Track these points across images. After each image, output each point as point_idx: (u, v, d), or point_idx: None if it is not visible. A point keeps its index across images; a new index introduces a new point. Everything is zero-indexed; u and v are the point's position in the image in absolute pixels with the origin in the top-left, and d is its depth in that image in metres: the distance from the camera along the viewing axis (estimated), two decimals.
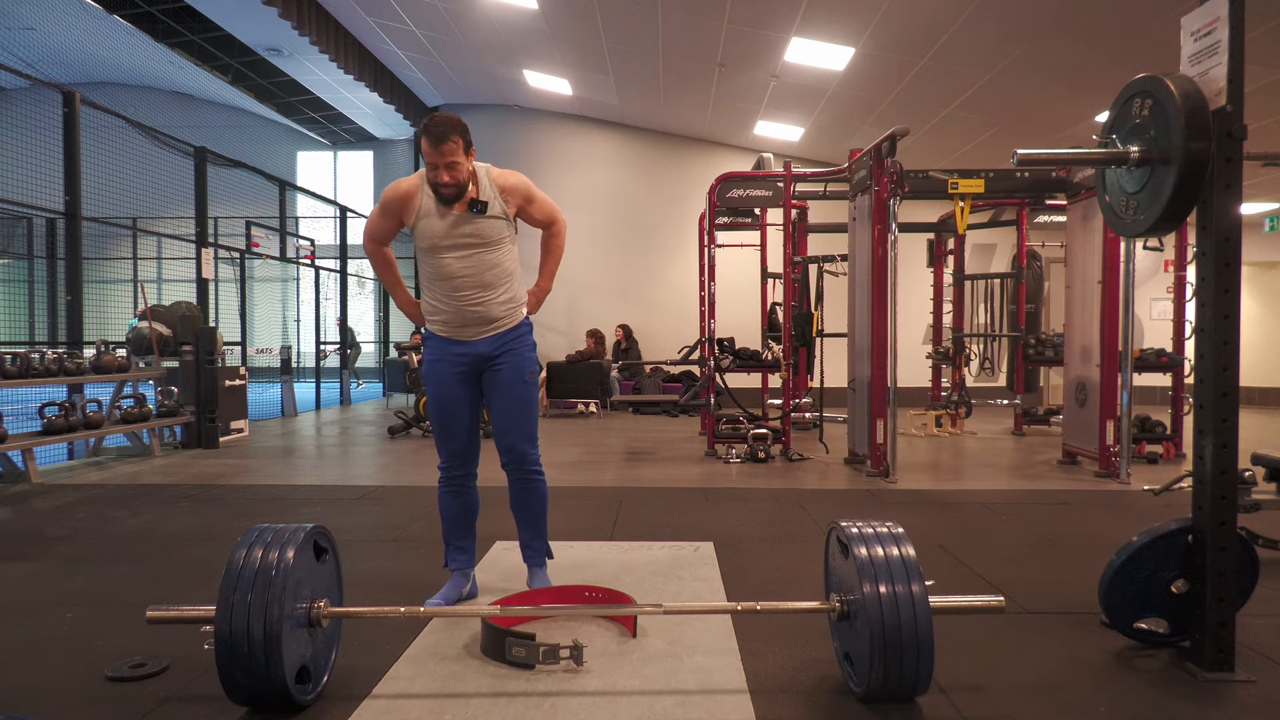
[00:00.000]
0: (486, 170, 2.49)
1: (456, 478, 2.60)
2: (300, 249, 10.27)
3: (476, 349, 2.52)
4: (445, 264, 2.45)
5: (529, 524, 2.67)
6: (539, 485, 2.64)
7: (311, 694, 1.92)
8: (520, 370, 2.56)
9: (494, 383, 2.55)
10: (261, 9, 7.89)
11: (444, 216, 2.43)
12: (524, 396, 2.57)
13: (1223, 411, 2.05)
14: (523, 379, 2.57)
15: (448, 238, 2.44)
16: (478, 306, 2.48)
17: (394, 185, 2.48)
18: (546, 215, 2.63)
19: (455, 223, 2.43)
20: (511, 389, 2.55)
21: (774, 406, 7.38)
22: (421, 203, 2.45)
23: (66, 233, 5.87)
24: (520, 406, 2.57)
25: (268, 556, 1.83)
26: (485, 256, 2.47)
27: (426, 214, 2.44)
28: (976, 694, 2.00)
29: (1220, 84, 2.00)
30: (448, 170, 2.37)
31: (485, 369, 2.55)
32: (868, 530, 1.97)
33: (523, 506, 2.65)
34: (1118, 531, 3.54)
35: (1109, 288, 5.16)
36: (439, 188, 2.39)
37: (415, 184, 2.47)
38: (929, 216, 8.15)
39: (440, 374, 2.54)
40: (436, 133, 2.34)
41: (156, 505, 4.30)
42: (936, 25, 6.23)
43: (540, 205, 2.60)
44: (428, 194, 2.44)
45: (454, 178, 2.38)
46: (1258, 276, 11.16)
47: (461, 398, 2.55)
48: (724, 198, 6.41)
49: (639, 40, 7.99)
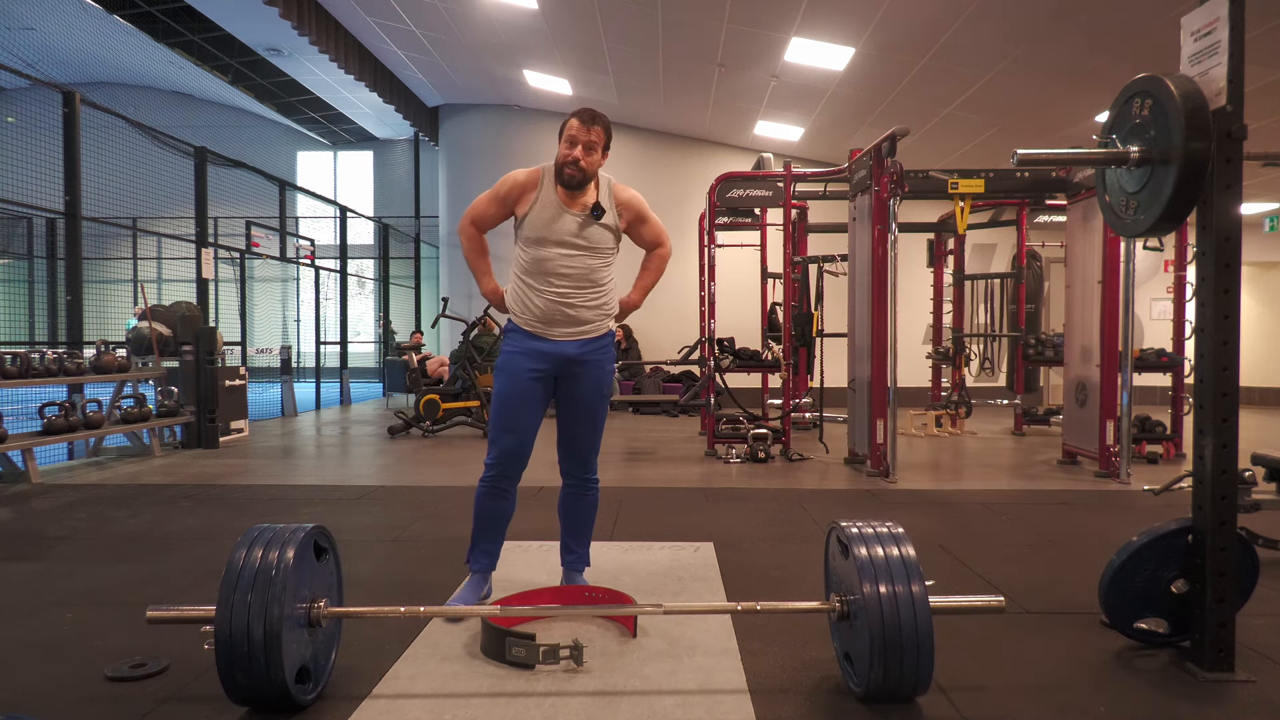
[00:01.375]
0: (609, 181, 2.51)
1: (501, 478, 2.50)
2: (300, 249, 10.27)
3: (561, 349, 2.46)
4: (549, 259, 2.41)
5: (577, 531, 2.65)
6: (595, 494, 2.64)
7: (312, 694, 1.92)
8: (601, 384, 2.54)
9: (572, 392, 2.51)
10: (261, 9, 7.89)
11: (560, 213, 2.42)
12: (600, 411, 2.56)
13: (1223, 411, 2.05)
14: (601, 393, 2.55)
15: (558, 234, 2.41)
16: (569, 308, 2.44)
17: (512, 174, 2.46)
18: (655, 237, 2.64)
19: (569, 222, 2.42)
20: (590, 402, 2.52)
21: (774, 406, 7.38)
22: (540, 194, 2.42)
23: (66, 233, 5.87)
24: (594, 420, 2.55)
25: (268, 556, 1.83)
26: (589, 261, 2.45)
27: (544, 206, 2.42)
28: (976, 694, 2.00)
29: (1220, 84, 2.00)
30: (585, 151, 2.36)
31: (564, 374, 2.50)
32: (868, 530, 1.97)
33: (576, 513, 2.64)
34: (1118, 531, 3.54)
35: (1109, 288, 5.16)
36: (565, 168, 2.37)
37: (535, 175, 2.45)
38: (929, 216, 8.15)
39: (516, 368, 2.46)
40: (590, 114, 2.39)
41: (156, 505, 4.30)
42: (936, 25, 6.23)
43: (651, 226, 2.62)
44: (548, 187, 2.43)
45: (588, 163, 2.37)
46: (1258, 276, 11.16)
47: (533, 396, 2.47)
48: (724, 198, 6.41)
49: (639, 40, 7.99)
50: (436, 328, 9.94)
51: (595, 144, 2.38)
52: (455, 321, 9.76)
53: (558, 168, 2.40)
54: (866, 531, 1.96)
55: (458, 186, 11.77)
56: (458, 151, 11.84)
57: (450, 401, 7.39)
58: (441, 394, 7.39)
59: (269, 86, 13.40)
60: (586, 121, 2.38)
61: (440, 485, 4.92)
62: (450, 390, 7.50)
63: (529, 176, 2.45)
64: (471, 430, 7.60)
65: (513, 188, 2.45)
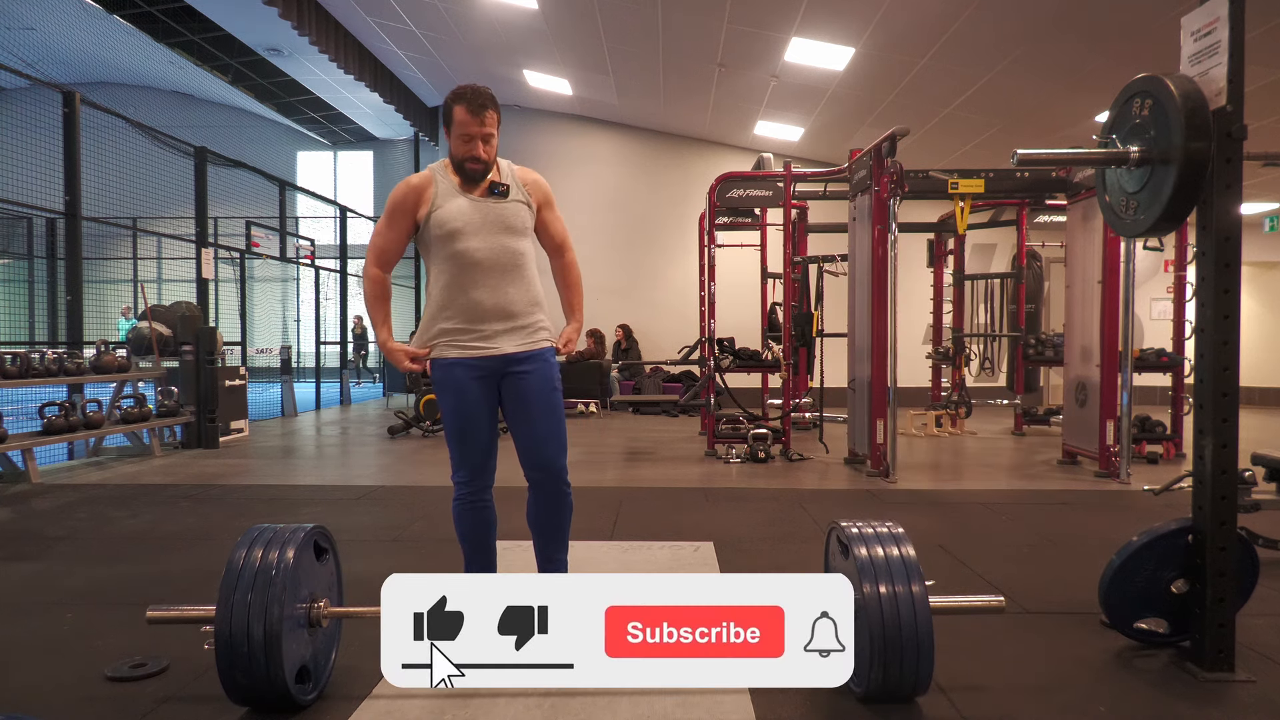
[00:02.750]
0: (508, 163, 2.37)
1: (474, 493, 2.38)
2: (300, 249, 10.27)
3: (497, 348, 2.29)
4: (464, 249, 2.24)
5: (554, 538, 2.47)
6: (569, 499, 2.45)
7: (312, 694, 1.92)
8: (549, 377, 2.36)
9: (520, 391, 2.32)
10: (261, 9, 7.89)
11: (463, 199, 2.26)
12: (555, 404, 2.37)
13: (1223, 411, 2.05)
14: (552, 385, 2.36)
15: (468, 221, 2.25)
16: (498, 297, 2.27)
17: (401, 184, 2.31)
18: (561, 234, 2.45)
19: (476, 205, 2.27)
20: (542, 397, 2.33)
21: (774, 406, 7.38)
22: (438, 189, 2.27)
23: (66, 233, 5.87)
24: (553, 415, 2.36)
25: (268, 556, 1.83)
26: (507, 242, 2.28)
27: (445, 197, 2.26)
28: (976, 694, 2.00)
29: (1220, 84, 2.00)
30: (484, 143, 2.23)
31: (506, 375, 2.32)
32: (868, 530, 1.96)
33: (549, 521, 2.45)
34: (1118, 531, 3.53)
35: (1109, 288, 5.16)
36: (467, 163, 2.24)
37: (426, 176, 2.30)
38: (929, 216, 8.15)
39: (457, 380, 2.29)
40: (477, 101, 2.22)
41: (156, 505, 4.30)
42: (936, 25, 6.23)
43: (558, 217, 2.45)
44: (444, 180, 2.29)
45: (488, 153, 2.25)
46: (1258, 276, 11.16)
47: (481, 404, 2.31)
48: (724, 198, 6.41)
49: (639, 40, 7.99)
50: None
51: (491, 133, 2.24)
52: None
53: (457, 164, 2.27)
54: (866, 532, 1.96)
55: None
56: None
57: None
58: None
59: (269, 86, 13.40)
60: (477, 111, 2.21)
61: (440, 485, 4.91)
62: None
63: (420, 178, 2.30)
64: None
65: (406, 194, 2.28)
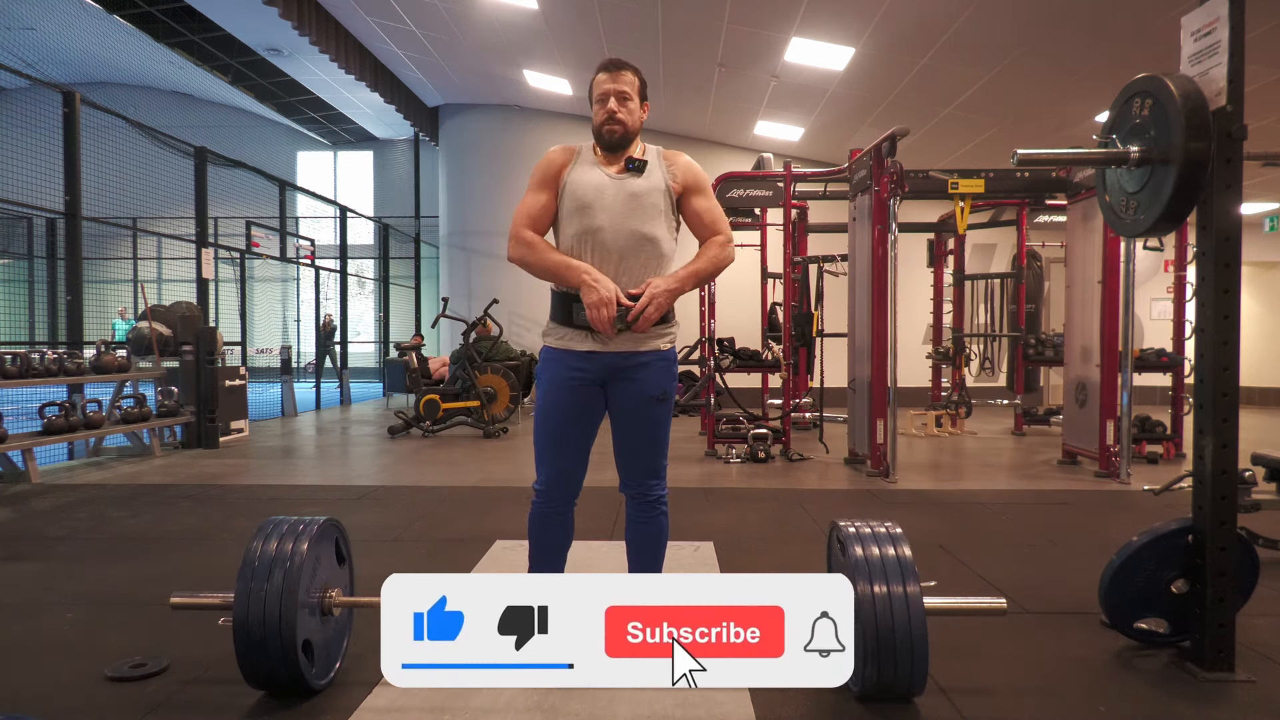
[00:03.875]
0: (657, 148, 2.21)
1: (556, 501, 2.16)
2: (300, 249, 10.27)
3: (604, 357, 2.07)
4: (594, 230, 2.04)
5: (645, 564, 2.25)
6: (662, 518, 2.21)
7: (325, 679, 1.99)
8: (654, 384, 2.11)
9: (622, 395, 2.10)
10: (261, 9, 7.89)
11: (599, 174, 2.10)
12: (658, 417, 2.13)
13: (1223, 411, 2.05)
14: (654, 395, 2.11)
15: (600, 196, 2.05)
16: (622, 277, 2.04)
17: (546, 154, 2.17)
18: (715, 221, 2.14)
19: (611, 181, 2.08)
20: (640, 410, 2.11)
21: (774, 406, 7.38)
22: (579, 158, 2.14)
23: (66, 233, 5.87)
24: (649, 429, 2.13)
25: (283, 547, 1.90)
26: (638, 224, 2.06)
27: (582, 168, 2.11)
28: (976, 694, 2.00)
29: (1220, 84, 2.00)
30: (619, 101, 2.08)
31: (612, 377, 2.09)
32: (865, 530, 1.97)
33: (642, 544, 2.23)
34: (1118, 531, 3.53)
35: (1109, 288, 5.16)
36: (605, 127, 2.09)
37: (571, 147, 2.18)
38: (929, 216, 8.15)
39: (556, 375, 2.09)
40: (615, 61, 2.13)
41: (156, 505, 4.30)
42: (937, 25, 6.23)
43: (712, 203, 2.17)
44: (586, 152, 2.16)
45: (625, 113, 2.09)
46: (1258, 276, 11.16)
47: (578, 406, 2.10)
48: (724, 198, 6.41)
49: (639, 40, 7.99)
50: (436, 328, 9.94)
51: (628, 92, 2.10)
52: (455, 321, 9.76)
53: (596, 131, 2.14)
54: (864, 531, 1.96)
55: (458, 186, 11.76)
56: (458, 151, 11.83)
57: (450, 401, 7.39)
58: (441, 394, 7.39)
59: (269, 86, 13.40)
60: (613, 70, 2.11)
61: (440, 485, 4.91)
62: (450, 390, 7.50)
63: (563, 147, 2.18)
64: (472, 430, 7.60)
65: (550, 162, 2.14)
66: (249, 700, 1.93)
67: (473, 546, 3.37)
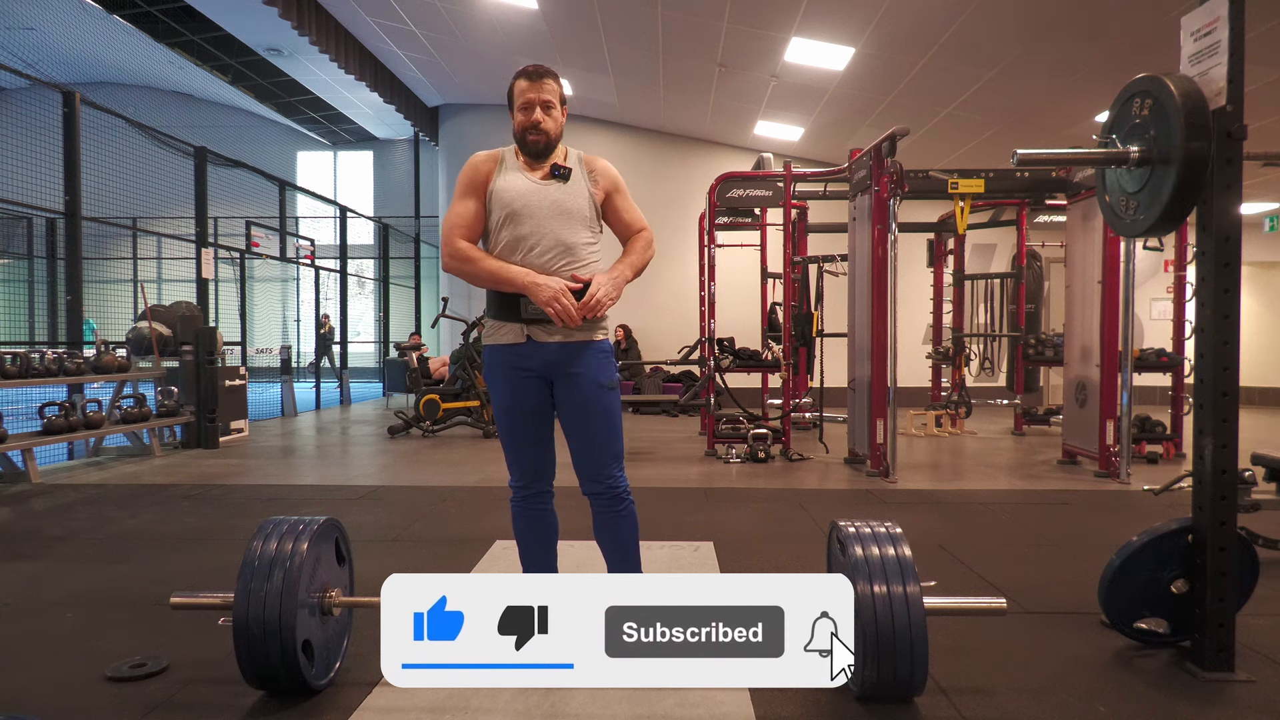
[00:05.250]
0: (578, 152, 2.26)
1: (532, 497, 2.25)
2: (300, 249, 10.27)
3: (545, 350, 2.13)
4: (521, 236, 2.10)
5: (621, 559, 2.27)
6: (629, 512, 2.24)
7: (325, 679, 1.99)
8: (598, 372, 2.15)
9: (570, 391, 2.14)
10: (261, 9, 7.89)
11: (524, 179, 2.14)
12: (607, 406, 2.17)
13: (1223, 411, 2.05)
14: (604, 384, 2.16)
15: (526, 203, 2.11)
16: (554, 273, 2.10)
17: (469, 161, 2.20)
18: (635, 218, 2.25)
19: (536, 186, 2.14)
20: (593, 399, 2.14)
21: (774, 406, 7.38)
22: (503, 164, 2.18)
23: (66, 233, 5.87)
24: (603, 417, 2.16)
25: (283, 547, 1.90)
26: (564, 229, 2.12)
27: (507, 174, 2.15)
28: (976, 694, 2.00)
29: (1220, 84, 2.00)
30: (544, 110, 2.13)
31: (554, 371, 2.15)
32: (864, 530, 1.97)
33: (613, 538, 2.25)
34: (1118, 531, 3.53)
35: (1109, 288, 5.16)
36: (528, 135, 2.14)
37: (495, 153, 2.21)
38: (929, 216, 8.15)
39: (506, 375, 2.15)
40: (535, 69, 2.16)
41: (156, 505, 4.30)
42: (936, 25, 6.23)
43: (630, 206, 2.26)
44: (510, 158, 2.19)
45: (548, 122, 2.14)
46: (1258, 276, 11.16)
47: (531, 401, 2.16)
48: (724, 198, 6.41)
49: (639, 40, 7.99)
50: (436, 328, 9.94)
51: (551, 100, 2.15)
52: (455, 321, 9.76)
53: (519, 137, 2.18)
54: (864, 531, 1.96)
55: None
56: (458, 151, 11.83)
57: (450, 401, 7.40)
58: (441, 394, 7.39)
59: (269, 86, 13.40)
60: (535, 78, 2.14)
61: (440, 485, 4.91)
62: (450, 390, 7.50)
63: (487, 154, 2.22)
64: (471, 430, 7.60)
65: (476, 168, 2.17)
66: (249, 700, 1.93)
67: (472, 546, 3.37)
